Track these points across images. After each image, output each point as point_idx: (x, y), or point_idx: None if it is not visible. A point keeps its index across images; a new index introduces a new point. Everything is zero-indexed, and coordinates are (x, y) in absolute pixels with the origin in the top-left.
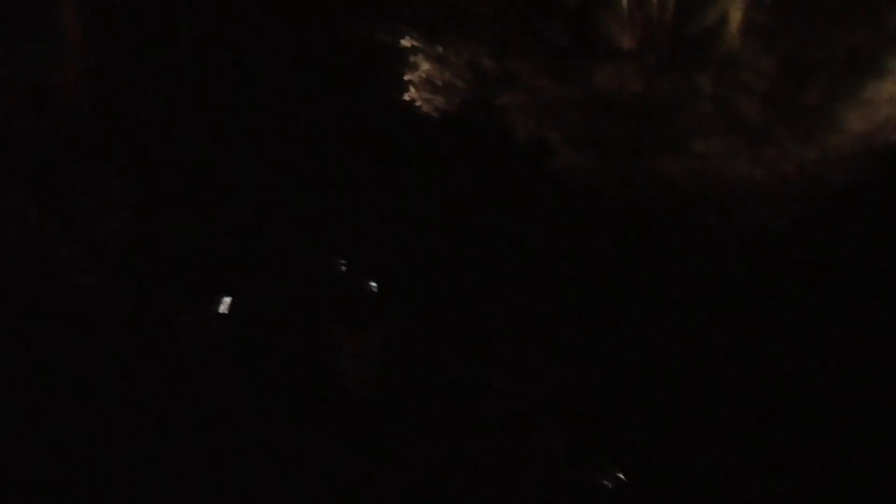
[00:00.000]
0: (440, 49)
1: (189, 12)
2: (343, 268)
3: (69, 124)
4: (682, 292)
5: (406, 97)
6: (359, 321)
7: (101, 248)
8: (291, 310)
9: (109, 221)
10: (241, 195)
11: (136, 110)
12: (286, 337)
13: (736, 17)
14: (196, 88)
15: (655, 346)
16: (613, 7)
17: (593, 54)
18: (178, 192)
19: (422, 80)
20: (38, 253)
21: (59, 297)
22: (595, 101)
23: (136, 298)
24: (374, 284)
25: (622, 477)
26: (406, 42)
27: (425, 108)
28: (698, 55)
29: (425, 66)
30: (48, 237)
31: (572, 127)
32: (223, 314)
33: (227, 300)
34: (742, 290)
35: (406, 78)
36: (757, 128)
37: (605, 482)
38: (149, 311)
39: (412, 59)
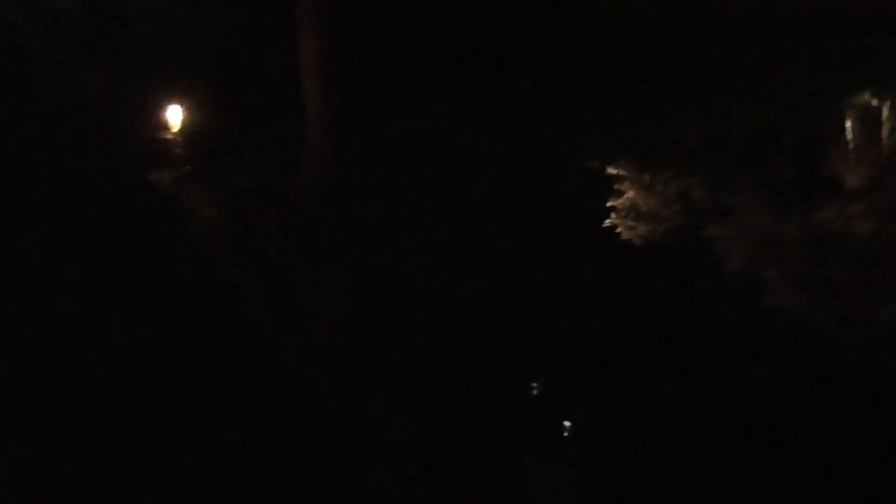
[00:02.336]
0: (647, 178)
1: (416, 134)
2: (541, 392)
3: (303, 226)
4: None
5: (607, 223)
6: (553, 452)
7: (313, 343)
8: (486, 431)
9: (324, 319)
10: (451, 312)
11: (367, 220)
12: (478, 458)
13: None
14: (419, 206)
15: None
16: (840, 144)
17: (817, 192)
18: (395, 302)
19: (625, 207)
20: (255, 335)
21: (264, 377)
22: (818, 240)
23: (337, 397)
24: (568, 423)
25: None
26: (613, 169)
27: (626, 234)
28: None
29: (630, 193)
30: (267, 322)
31: (791, 266)
32: (419, 426)
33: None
34: None
35: (609, 204)
36: None
37: None
38: (348, 412)
39: (617, 186)
